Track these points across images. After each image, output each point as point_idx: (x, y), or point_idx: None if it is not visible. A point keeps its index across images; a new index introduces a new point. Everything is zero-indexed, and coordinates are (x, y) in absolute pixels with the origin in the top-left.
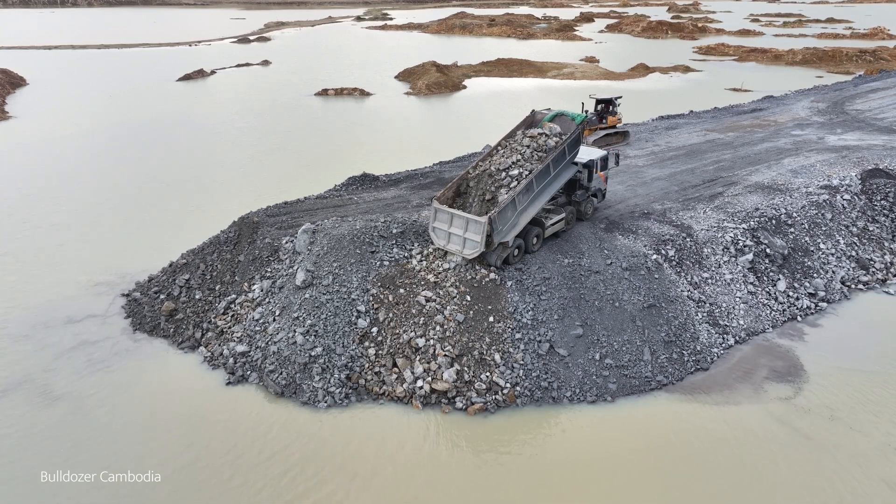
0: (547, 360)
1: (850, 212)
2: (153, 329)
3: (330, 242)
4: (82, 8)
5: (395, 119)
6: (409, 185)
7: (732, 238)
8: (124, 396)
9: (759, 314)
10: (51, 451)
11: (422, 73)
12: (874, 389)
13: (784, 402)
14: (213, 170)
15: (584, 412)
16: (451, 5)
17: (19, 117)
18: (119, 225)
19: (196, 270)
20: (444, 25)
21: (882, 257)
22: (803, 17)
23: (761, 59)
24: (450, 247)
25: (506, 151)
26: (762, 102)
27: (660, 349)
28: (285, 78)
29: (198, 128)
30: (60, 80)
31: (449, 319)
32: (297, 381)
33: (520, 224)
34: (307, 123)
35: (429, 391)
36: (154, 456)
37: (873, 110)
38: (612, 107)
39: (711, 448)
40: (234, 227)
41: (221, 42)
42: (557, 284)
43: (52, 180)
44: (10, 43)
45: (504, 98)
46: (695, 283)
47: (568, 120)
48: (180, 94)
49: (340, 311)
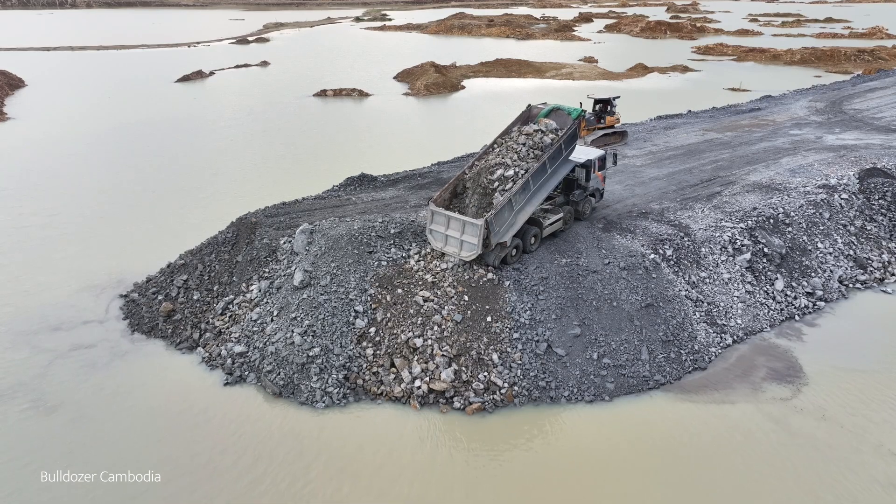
0: (545, 360)
1: (847, 211)
2: (151, 330)
3: (328, 243)
4: (81, 9)
5: (394, 119)
6: (408, 185)
7: (730, 237)
8: (123, 397)
9: (756, 313)
10: (51, 451)
11: (420, 74)
12: (871, 389)
13: (781, 402)
14: (212, 170)
15: (582, 412)
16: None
17: (18, 119)
18: (117, 226)
19: (194, 271)
20: (442, 26)
21: (880, 256)
22: (802, 17)
23: (760, 58)
24: (447, 249)
25: (502, 150)
26: (760, 102)
27: (657, 348)
28: (284, 79)
29: (196, 129)
30: (59, 81)
31: (447, 319)
32: (295, 382)
33: (517, 223)
34: (306, 124)
35: (427, 391)
36: (154, 456)
37: (871, 110)
38: (611, 106)
39: (709, 447)
40: (233, 227)
41: (220, 43)
42: (555, 284)
43: (50, 181)
44: (9, 44)
45: (503, 98)
46: (692, 282)
47: (564, 114)
48: (179, 95)
49: (338, 311)
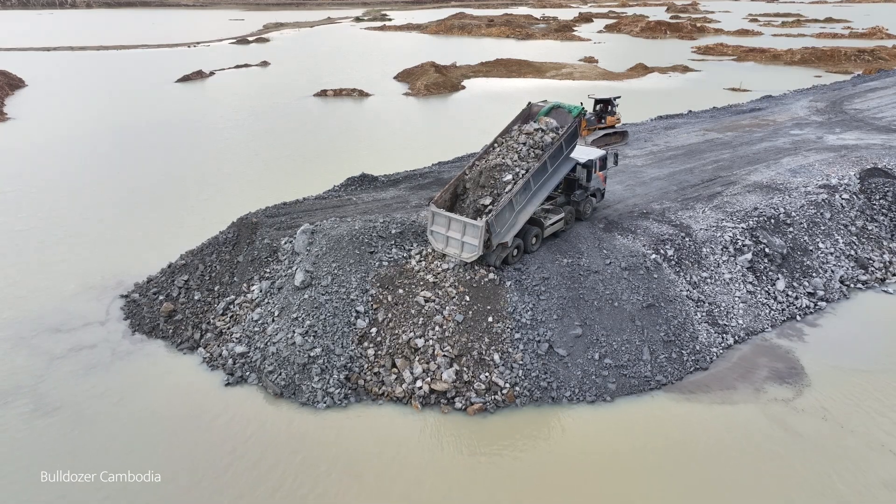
0: (546, 360)
1: (848, 211)
2: (152, 330)
3: (329, 243)
4: (81, 9)
5: (394, 119)
6: (408, 185)
7: (731, 237)
8: (124, 397)
9: (758, 313)
10: (51, 451)
11: (420, 74)
12: (873, 389)
13: (783, 402)
14: (212, 171)
15: (584, 412)
16: (450, 6)
17: (18, 119)
18: (117, 226)
19: (195, 271)
20: (442, 26)
21: (881, 256)
22: (802, 17)
23: (760, 58)
24: (448, 250)
25: (502, 150)
26: (761, 102)
27: (659, 349)
28: (284, 79)
29: (196, 129)
30: (59, 81)
31: (448, 319)
32: (297, 382)
33: (518, 223)
34: (306, 124)
35: (428, 391)
36: (154, 456)
37: (872, 110)
38: (611, 107)
39: (710, 448)
40: (233, 227)
41: (220, 43)
42: (556, 284)
43: (50, 182)
44: (9, 44)
45: (503, 98)
46: (694, 282)
47: (565, 112)
48: (179, 96)
49: (339, 311)
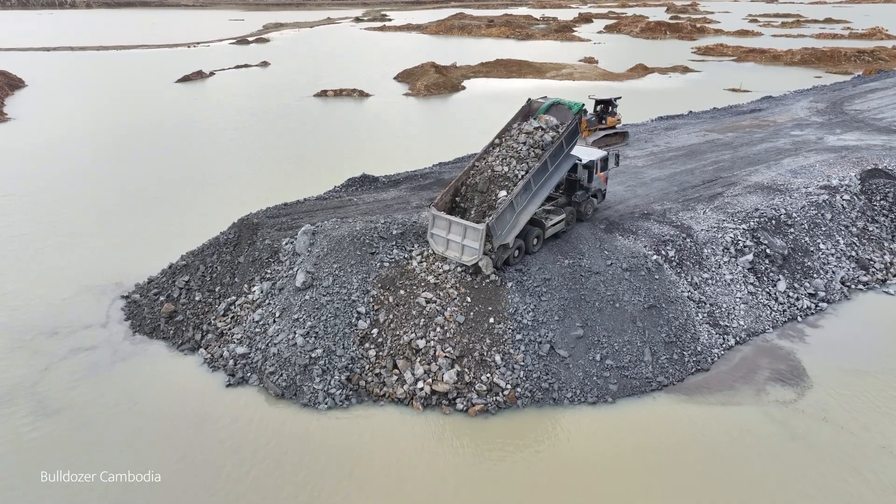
0: (547, 361)
1: (849, 212)
2: (153, 331)
3: (330, 244)
4: (81, 9)
5: (395, 120)
6: (409, 186)
7: (732, 238)
8: (124, 398)
9: (759, 315)
10: (51, 452)
11: (421, 74)
12: (874, 390)
13: (784, 404)
14: (213, 171)
15: (585, 413)
16: (450, 6)
17: (18, 119)
18: (118, 226)
19: (196, 272)
20: (442, 26)
21: (882, 257)
22: (801, 18)
23: (760, 59)
24: (448, 253)
25: (502, 150)
26: (761, 103)
27: (660, 350)
28: (284, 79)
29: (196, 129)
30: (59, 81)
31: (449, 321)
32: (298, 383)
33: (519, 224)
34: (306, 124)
35: (429, 392)
36: (154, 456)
37: (872, 110)
38: (612, 107)
39: (712, 449)
40: (234, 228)
41: (220, 43)
42: (558, 285)
43: (50, 182)
44: (9, 44)
45: (503, 99)
46: (695, 283)
47: (565, 109)
48: (179, 96)
49: (341, 312)
